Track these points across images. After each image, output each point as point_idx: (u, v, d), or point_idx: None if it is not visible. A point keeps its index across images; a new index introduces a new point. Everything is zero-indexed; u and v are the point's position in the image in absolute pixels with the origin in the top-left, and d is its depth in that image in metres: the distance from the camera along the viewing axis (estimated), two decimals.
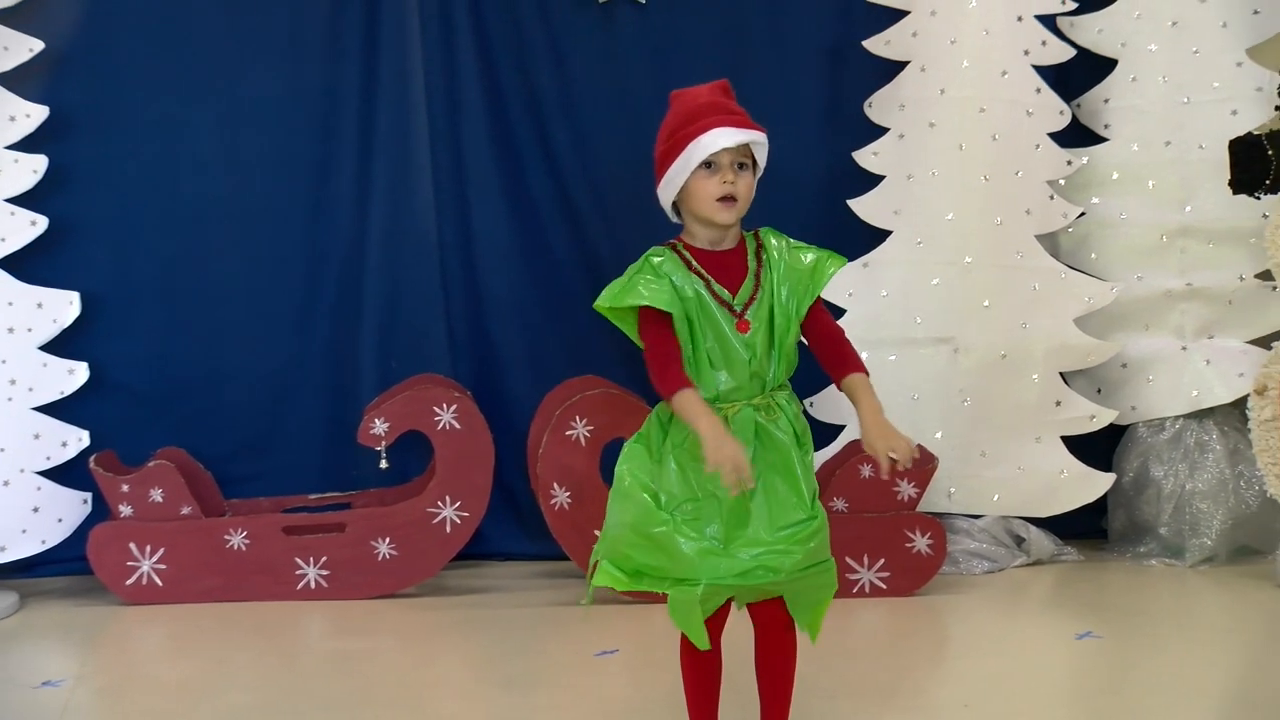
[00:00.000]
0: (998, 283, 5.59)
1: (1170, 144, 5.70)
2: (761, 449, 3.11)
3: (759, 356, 3.10)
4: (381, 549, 5.22)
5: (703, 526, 3.06)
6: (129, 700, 4.24)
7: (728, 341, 3.09)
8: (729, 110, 3.16)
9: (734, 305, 3.12)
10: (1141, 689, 4.14)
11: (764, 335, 3.11)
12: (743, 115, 3.16)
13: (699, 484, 3.08)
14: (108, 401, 5.49)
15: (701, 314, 3.10)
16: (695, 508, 3.07)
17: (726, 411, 3.10)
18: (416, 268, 5.74)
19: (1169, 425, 5.71)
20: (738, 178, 3.11)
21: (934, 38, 5.63)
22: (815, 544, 3.10)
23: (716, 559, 3.03)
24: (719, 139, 3.09)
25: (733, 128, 3.11)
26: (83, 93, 5.48)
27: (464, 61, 5.74)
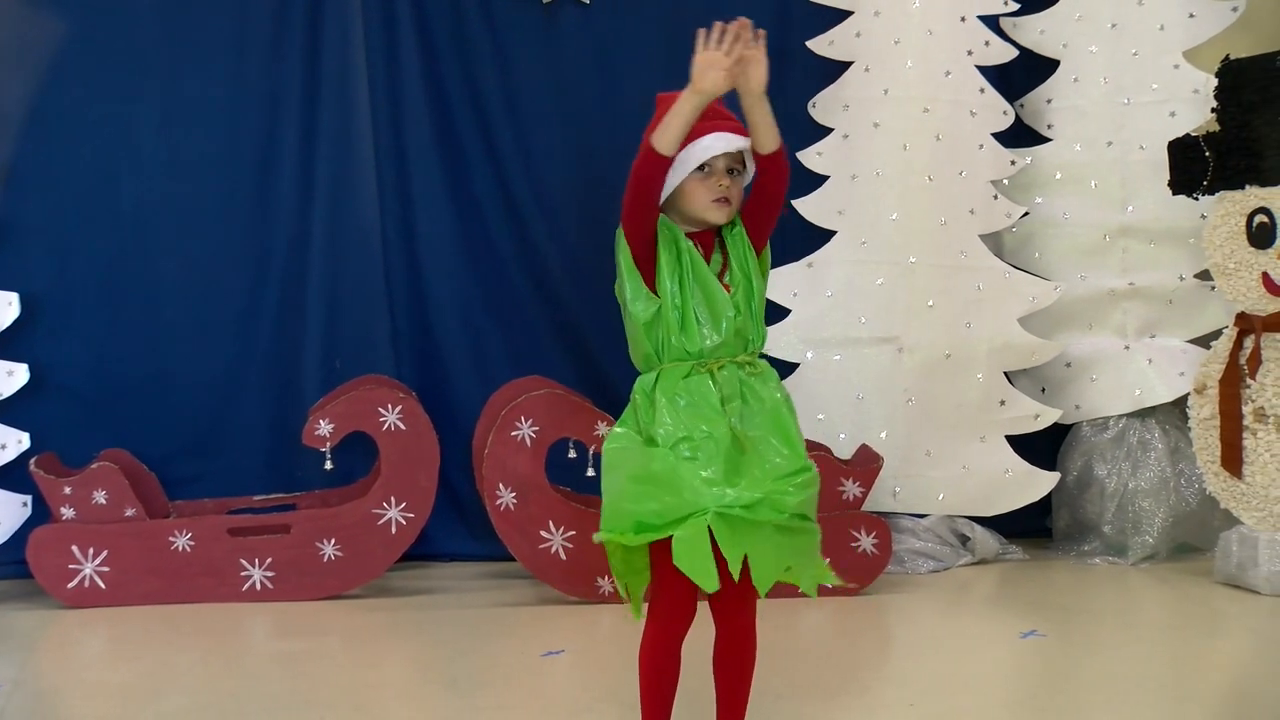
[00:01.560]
0: (942, 282, 5.62)
1: (1112, 144, 5.76)
2: (749, 409, 3.13)
3: (741, 312, 3.13)
4: (327, 550, 5.20)
5: (702, 464, 3.05)
6: (68, 705, 4.19)
7: (715, 299, 3.12)
8: (725, 116, 3.19)
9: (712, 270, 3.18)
10: (1085, 686, 4.16)
11: (744, 300, 3.14)
12: (735, 121, 3.18)
13: (692, 425, 3.08)
14: (49, 403, 5.44)
15: (693, 271, 3.13)
16: (692, 447, 3.06)
17: (713, 368, 3.12)
18: (360, 268, 5.73)
19: (1112, 424, 5.76)
20: (730, 182, 3.13)
21: (877, 38, 5.66)
22: (809, 496, 3.11)
23: (721, 489, 3.02)
24: (718, 143, 3.11)
25: (730, 134, 3.14)
26: (21, 92, 5.43)
27: (407, 61, 5.73)
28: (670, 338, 3.12)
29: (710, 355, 3.13)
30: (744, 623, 3.24)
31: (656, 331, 3.13)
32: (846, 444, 5.52)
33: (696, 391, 3.10)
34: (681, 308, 3.12)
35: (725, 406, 3.10)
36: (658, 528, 3.03)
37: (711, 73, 3.06)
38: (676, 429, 3.07)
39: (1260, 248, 5.08)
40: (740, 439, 3.08)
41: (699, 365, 3.12)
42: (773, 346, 5.57)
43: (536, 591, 5.21)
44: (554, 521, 5.03)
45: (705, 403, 3.09)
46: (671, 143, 3.04)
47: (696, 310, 3.12)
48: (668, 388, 3.11)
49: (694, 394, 3.09)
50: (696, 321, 3.12)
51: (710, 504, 2.99)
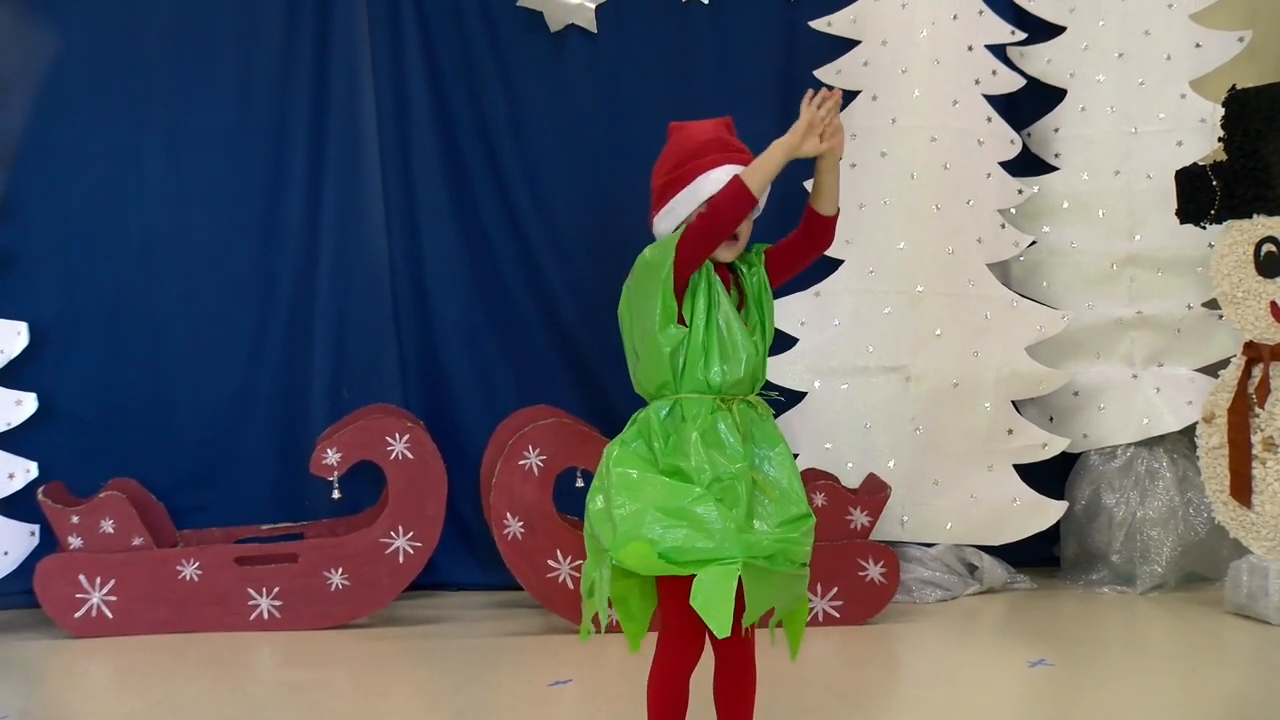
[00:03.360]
0: (949, 311, 5.61)
1: (1119, 173, 5.76)
2: (759, 450, 3.15)
3: (758, 352, 3.16)
4: (334, 579, 5.19)
5: (730, 506, 3.04)
6: None
7: (737, 336, 3.13)
8: (736, 149, 3.21)
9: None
10: (1093, 716, 4.15)
11: (760, 336, 3.17)
12: (747, 154, 3.18)
13: (722, 466, 3.07)
14: (56, 432, 5.45)
15: (720, 306, 3.14)
16: (722, 489, 3.05)
17: (730, 404, 3.12)
18: (367, 297, 5.73)
19: (1120, 453, 5.75)
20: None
21: (885, 67, 5.67)
22: (812, 542, 3.15)
23: (748, 536, 3.02)
24: (728, 176, 3.11)
25: (740, 166, 3.14)
26: (30, 121, 5.45)
27: (415, 89, 5.75)
28: (693, 369, 3.12)
29: (727, 391, 3.13)
30: (744, 654, 3.24)
31: (678, 360, 3.13)
32: (854, 473, 5.51)
33: (721, 430, 3.10)
34: (706, 341, 3.13)
35: (744, 447, 3.11)
36: (680, 564, 3.01)
37: (814, 136, 3.10)
38: (710, 467, 3.06)
39: (1268, 276, 5.07)
40: (759, 483, 3.09)
41: (719, 400, 3.12)
42: (780, 375, 5.58)
43: (544, 621, 5.20)
44: (561, 551, 5.03)
45: (729, 443, 3.10)
46: (761, 188, 3.08)
47: (721, 344, 3.13)
48: (696, 422, 3.10)
49: (719, 432, 3.10)
50: (720, 356, 3.13)
51: (740, 553, 2.98)
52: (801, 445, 5.59)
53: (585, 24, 5.76)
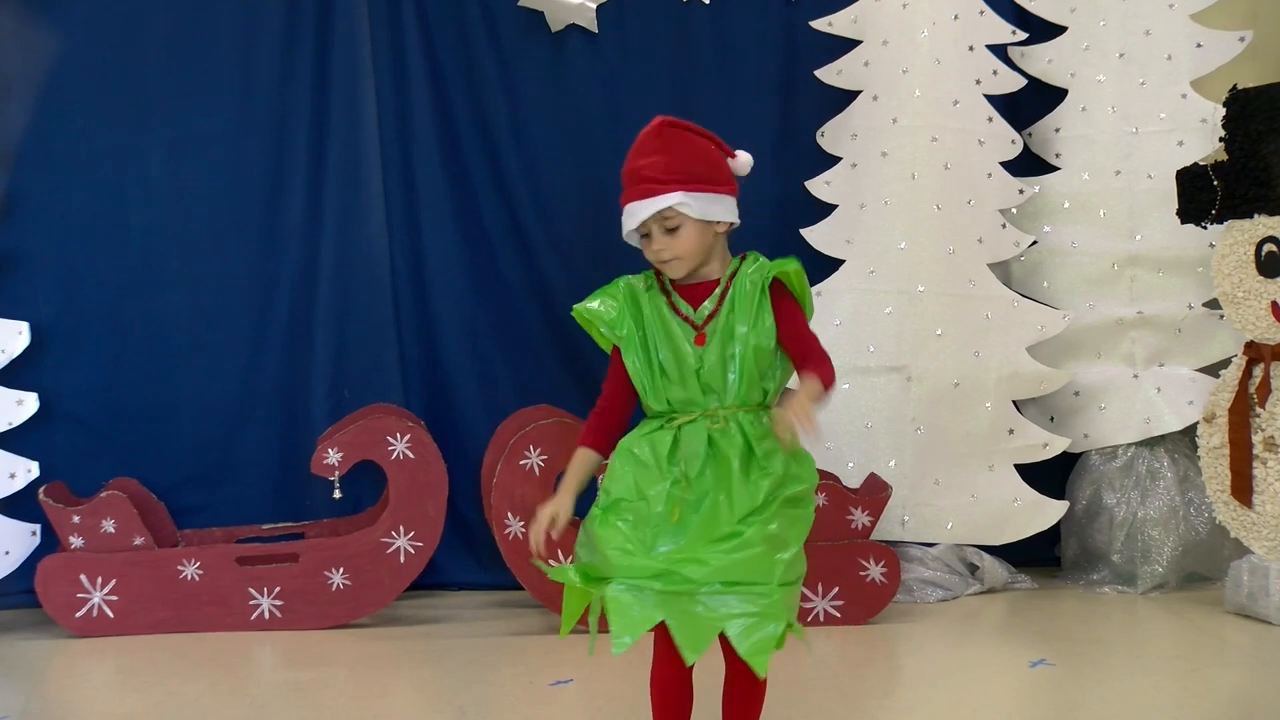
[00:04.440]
0: (950, 311, 5.61)
1: (1120, 173, 5.76)
2: (713, 463, 3.10)
3: (710, 368, 3.10)
4: (335, 579, 5.20)
5: (638, 528, 3.04)
6: None
7: (681, 353, 3.10)
8: (637, 178, 3.13)
9: (694, 319, 3.14)
10: (1094, 716, 4.15)
11: (719, 350, 3.10)
12: (651, 182, 3.10)
13: (635, 489, 3.07)
14: (57, 432, 5.46)
15: (659, 328, 3.12)
16: (630, 509, 3.05)
17: (681, 421, 3.11)
18: (368, 297, 5.74)
19: (1121, 453, 5.75)
20: (670, 241, 3.10)
21: (886, 67, 5.67)
22: (739, 561, 3.01)
23: (634, 559, 3.01)
24: (628, 219, 3.13)
25: (641, 201, 3.10)
26: (31, 122, 5.46)
27: (416, 89, 5.75)
28: (645, 394, 3.15)
29: (679, 409, 3.12)
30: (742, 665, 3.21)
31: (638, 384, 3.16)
32: (855, 473, 5.51)
33: (653, 449, 3.09)
34: (648, 366, 3.13)
35: (674, 466, 3.07)
36: (593, 580, 3.07)
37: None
38: (617, 490, 3.08)
39: (1269, 276, 5.07)
40: (676, 504, 3.05)
41: (668, 421, 3.11)
42: None
43: (545, 621, 5.20)
44: (563, 551, 5.02)
45: (654, 462, 3.08)
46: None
47: (663, 364, 3.12)
48: (634, 440, 3.12)
49: (649, 452, 3.09)
50: (664, 375, 3.12)
51: (619, 575, 3.00)
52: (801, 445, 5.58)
53: (586, 24, 5.76)
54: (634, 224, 3.11)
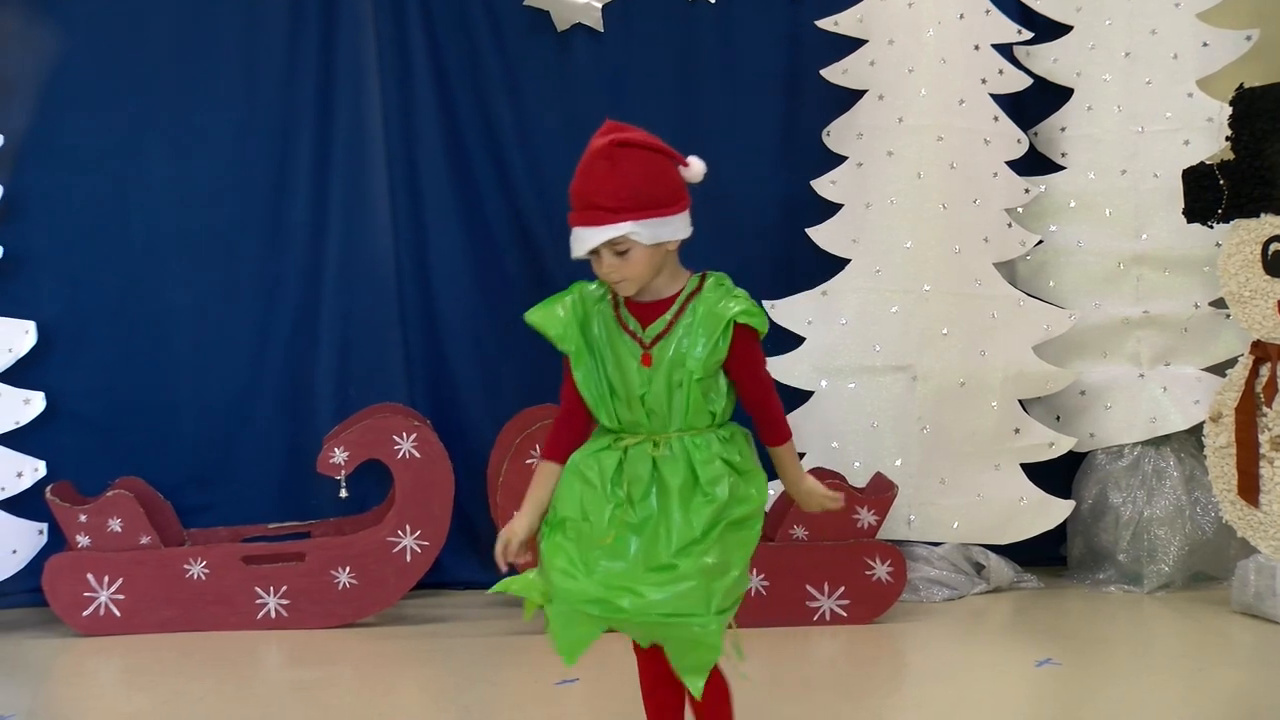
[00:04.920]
0: (956, 310, 5.61)
1: (1125, 173, 5.75)
2: (660, 489, 3.03)
3: (655, 393, 3.02)
4: (341, 578, 5.20)
5: (582, 548, 3.00)
6: None
7: (627, 372, 3.03)
8: (591, 204, 3.00)
9: (642, 338, 3.05)
10: (1100, 715, 4.15)
11: (665, 376, 3.02)
12: (596, 209, 2.98)
13: (580, 508, 3.03)
14: (63, 431, 5.46)
15: (607, 343, 3.07)
16: (574, 528, 3.01)
17: (628, 443, 3.06)
18: (373, 296, 5.74)
19: (1127, 452, 5.74)
20: (619, 264, 2.99)
21: (891, 66, 5.66)
22: (673, 596, 2.95)
23: (575, 582, 2.97)
24: (576, 245, 3.02)
25: (590, 228, 2.99)
26: (36, 121, 5.46)
27: (420, 88, 5.75)
28: (594, 409, 3.10)
29: (626, 430, 3.08)
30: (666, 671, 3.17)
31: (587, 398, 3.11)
32: (861, 472, 5.50)
33: (599, 469, 3.04)
34: (598, 380, 3.08)
35: (618, 489, 3.03)
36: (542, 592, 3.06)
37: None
38: (564, 509, 3.04)
39: (1275, 275, 5.07)
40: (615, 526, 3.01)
41: (615, 441, 3.07)
42: (787, 374, 5.58)
43: None
44: None
45: (600, 483, 3.03)
46: None
47: (611, 380, 3.07)
48: (583, 459, 3.08)
49: (596, 472, 3.04)
50: (612, 394, 3.07)
51: (559, 600, 2.98)
52: (808, 444, 5.59)
53: (592, 23, 5.75)
54: (582, 251, 3.00)
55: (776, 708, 4.15)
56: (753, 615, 5.06)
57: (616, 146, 3.03)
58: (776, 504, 5.41)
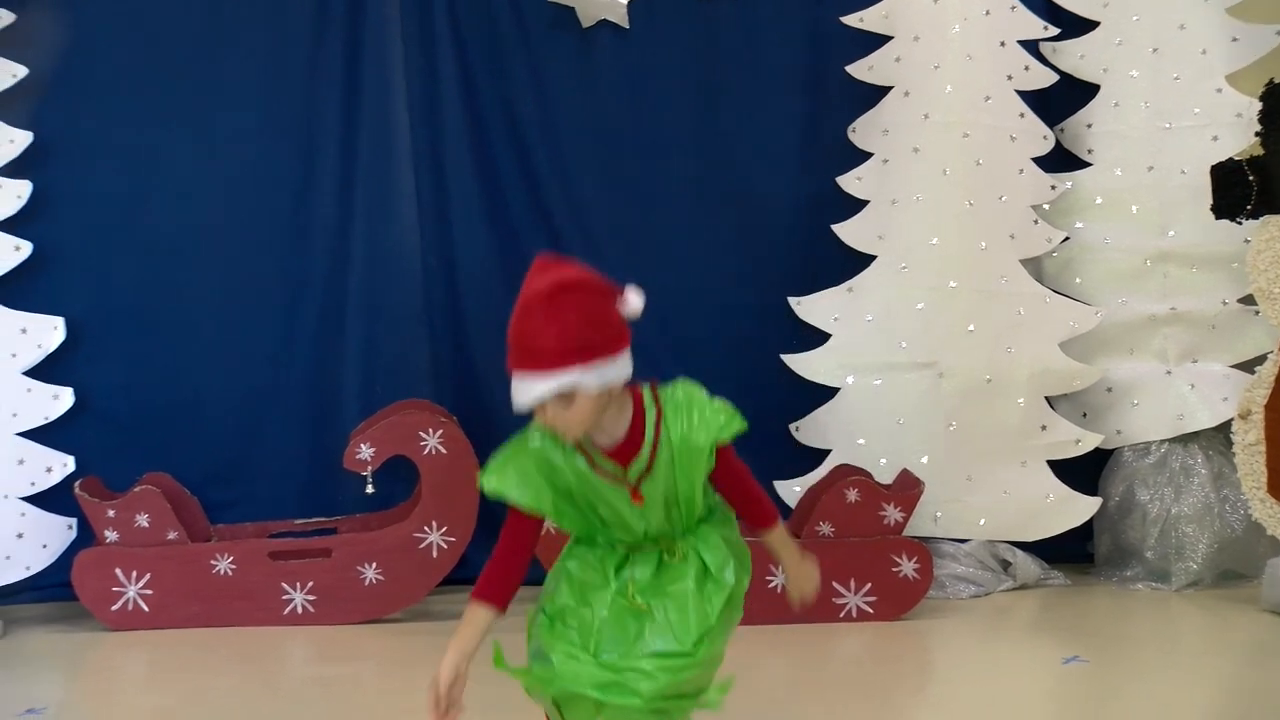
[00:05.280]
0: (982, 307, 5.60)
1: (1152, 169, 5.73)
2: (665, 574, 3.03)
3: (654, 521, 3.00)
4: (368, 574, 5.21)
5: (584, 635, 2.98)
6: None
7: (620, 511, 2.97)
8: (533, 350, 2.81)
9: (627, 478, 2.95)
10: (1128, 714, 4.14)
11: (660, 505, 2.98)
12: (547, 354, 2.79)
13: (580, 597, 3.02)
14: (90, 427, 5.47)
15: (587, 490, 2.97)
16: (574, 617, 3.01)
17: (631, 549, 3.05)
18: (399, 292, 5.74)
19: (1154, 449, 5.72)
20: (565, 413, 2.84)
21: (917, 63, 5.65)
22: (686, 680, 2.99)
23: (580, 666, 2.94)
24: (520, 393, 2.84)
25: (534, 377, 2.81)
26: (65, 118, 5.48)
27: (446, 86, 5.75)
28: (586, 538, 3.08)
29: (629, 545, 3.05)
30: None
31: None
32: (887, 469, 5.49)
33: (597, 559, 3.03)
34: (585, 519, 3.02)
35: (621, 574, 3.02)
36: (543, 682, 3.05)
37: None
38: (561, 598, 3.03)
39: None
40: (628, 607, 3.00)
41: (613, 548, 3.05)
42: (813, 371, 5.60)
43: None
44: None
45: (600, 573, 3.02)
46: None
47: (604, 517, 3.01)
48: (576, 563, 3.07)
49: (595, 567, 3.03)
50: (605, 525, 3.02)
51: (564, 683, 2.96)
52: (834, 441, 5.59)
53: (617, 19, 5.75)
54: (528, 400, 2.84)
55: (802, 705, 4.15)
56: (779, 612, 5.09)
57: (557, 291, 2.82)
58: (803, 500, 5.42)
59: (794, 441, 5.73)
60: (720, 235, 5.83)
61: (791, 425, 5.72)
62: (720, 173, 5.82)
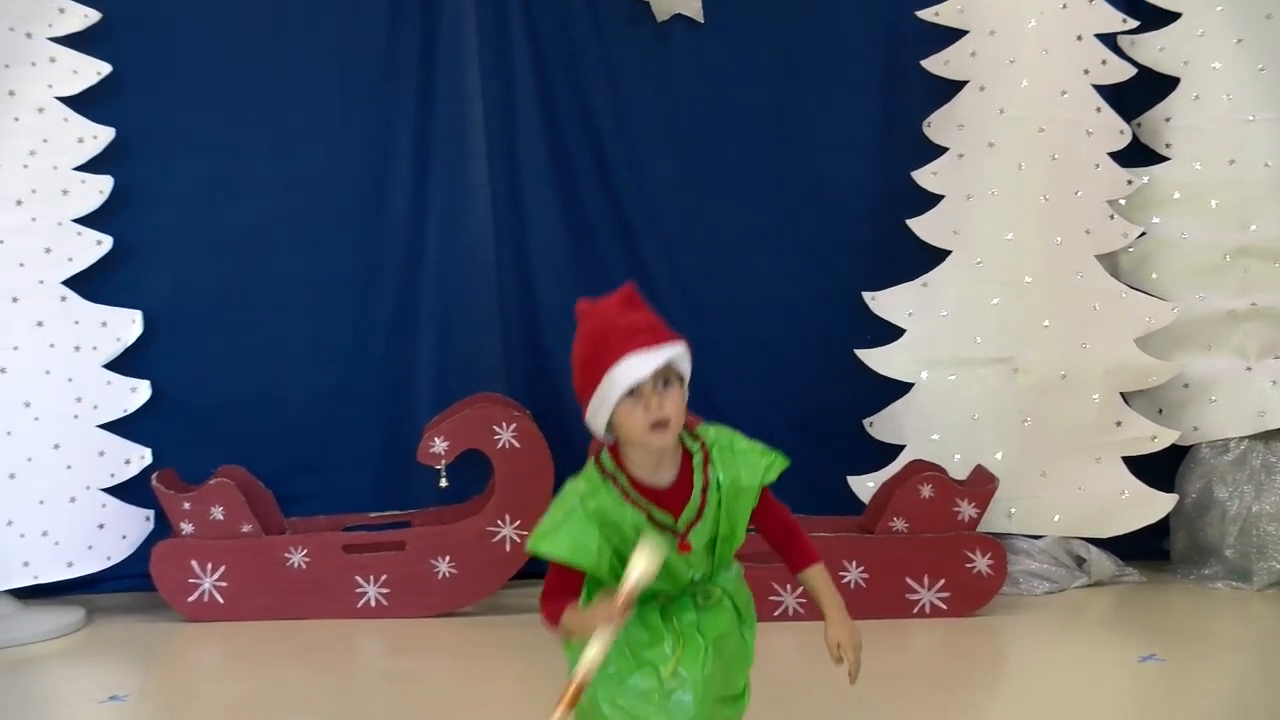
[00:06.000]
0: (1057, 302, 5.57)
1: (1234, 163, 5.67)
2: (706, 616, 2.96)
3: (698, 570, 2.94)
4: (441, 567, 5.24)
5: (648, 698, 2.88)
6: (191, 717, 4.26)
7: (669, 562, 2.85)
8: (637, 329, 2.83)
9: (676, 528, 2.87)
10: (1206, 714, 4.10)
11: (703, 553, 2.93)
12: (652, 331, 2.83)
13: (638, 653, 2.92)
14: (167, 420, 5.52)
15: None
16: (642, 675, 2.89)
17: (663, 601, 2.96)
18: (473, 286, 5.76)
19: (1233, 446, 5.66)
20: (664, 398, 2.80)
21: (993, 57, 5.62)
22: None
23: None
24: (634, 369, 2.78)
25: (647, 350, 2.79)
26: (144, 114, 5.52)
27: (520, 81, 5.76)
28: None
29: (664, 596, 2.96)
30: None
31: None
32: (961, 465, 5.47)
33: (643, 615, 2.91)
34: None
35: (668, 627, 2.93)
36: None
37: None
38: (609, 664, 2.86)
39: None
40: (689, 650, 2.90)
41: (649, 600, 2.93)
42: (887, 366, 5.58)
43: None
44: None
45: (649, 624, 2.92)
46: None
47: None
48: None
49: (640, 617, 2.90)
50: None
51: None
52: (909, 437, 5.57)
53: (692, 14, 5.74)
54: (647, 372, 2.77)
55: (876, 700, 4.14)
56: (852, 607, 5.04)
57: (635, 292, 2.92)
58: (876, 496, 5.41)
59: (868, 437, 5.72)
60: (794, 230, 5.82)
61: (865, 420, 5.71)
62: (794, 167, 5.80)
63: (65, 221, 5.30)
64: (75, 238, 5.31)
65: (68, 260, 5.30)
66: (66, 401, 5.28)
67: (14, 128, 5.22)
